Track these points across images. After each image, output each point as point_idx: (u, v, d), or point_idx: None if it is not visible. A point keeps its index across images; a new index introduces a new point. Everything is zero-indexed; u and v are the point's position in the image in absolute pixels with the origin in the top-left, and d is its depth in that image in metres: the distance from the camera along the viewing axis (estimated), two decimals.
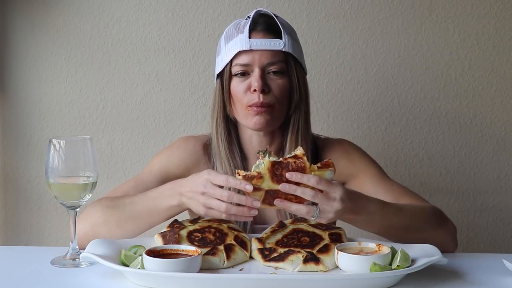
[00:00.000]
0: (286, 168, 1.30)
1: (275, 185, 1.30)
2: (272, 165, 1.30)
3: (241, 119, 1.62)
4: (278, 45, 1.58)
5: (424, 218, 1.51)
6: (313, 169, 1.31)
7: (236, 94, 1.60)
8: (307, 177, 1.28)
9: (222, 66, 1.62)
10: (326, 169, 1.32)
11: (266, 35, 1.59)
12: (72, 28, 2.33)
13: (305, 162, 1.30)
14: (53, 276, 1.33)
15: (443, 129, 2.38)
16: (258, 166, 1.30)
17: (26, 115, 2.34)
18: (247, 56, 1.58)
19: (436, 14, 2.35)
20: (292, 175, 1.28)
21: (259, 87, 1.56)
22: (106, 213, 1.50)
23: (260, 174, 1.30)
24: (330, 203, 1.30)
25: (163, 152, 1.73)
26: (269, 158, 1.31)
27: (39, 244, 2.34)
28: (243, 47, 1.57)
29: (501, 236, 2.41)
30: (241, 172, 1.30)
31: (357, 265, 1.29)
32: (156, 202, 1.47)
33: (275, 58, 1.58)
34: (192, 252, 1.32)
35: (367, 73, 2.36)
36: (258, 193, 1.31)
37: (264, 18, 1.62)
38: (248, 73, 1.59)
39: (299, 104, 1.64)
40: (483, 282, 1.31)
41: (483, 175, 2.39)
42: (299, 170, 1.30)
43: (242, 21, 1.63)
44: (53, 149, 1.37)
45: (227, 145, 1.65)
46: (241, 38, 1.58)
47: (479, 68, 2.36)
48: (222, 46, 1.63)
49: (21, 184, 2.36)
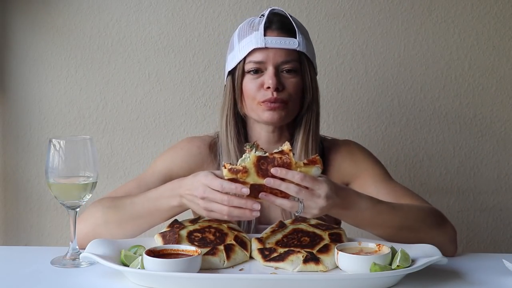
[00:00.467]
0: (272, 163, 1.30)
1: (260, 180, 1.30)
2: (258, 159, 1.30)
3: (253, 114, 1.62)
4: (293, 44, 1.59)
5: (420, 218, 1.50)
6: (299, 165, 1.30)
7: (249, 91, 1.60)
8: (292, 173, 1.29)
9: (234, 63, 1.62)
10: (313, 165, 1.32)
11: (281, 34, 1.59)
12: (72, 28, 2.33)
13: (290, 158, 1.30)
14: (53, 276, 1.33)
15: (443, 129, 2.38)
16: (244, 160, 1.31)
17: (26, 115, 2.34)
18: (262, 54, 1.58)
19: (436, 14, 2.35)
20: (277, 171, 1.29)
21: (274, 85, 1.56)
22: (107, 214, 1.50)
23: (246, 168, 1.30)
24: (315, 200, 1.31)
25: (166, 153, 1.73)
26: (255, 152, 1.31)
27: (39, 244, 2.34)
28: (258, 45, 1.58)
29: (501, 236, 2.41)
30: (227, 165, 1.31)
31: (357, 265, 1.29)
32: (157, 202, 1.47)
33: (289, 57, 1.59)
34: (192, 252, 1.32)
35: (367, 73, 2.36)
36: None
37: (279, 17, 1.62)
38: (261, 71, 1.60)
39: (311, 104, 1.64)
40: (483, 282, 1.31)
41: (483, 175, 2.39)
42: (285, 166, 1.30)
43: (255, 19, 1.63)
44: (53, 149, 1.37)
45: (236, 142, 1.65)
46: (256, 35, 1.58)
47: (479, 68, 2.36)
48: (235, 43, 1.63)
49: (21, 184, 2.36)
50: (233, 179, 1.31)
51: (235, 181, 1.31)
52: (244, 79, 1.61)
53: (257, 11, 2.30)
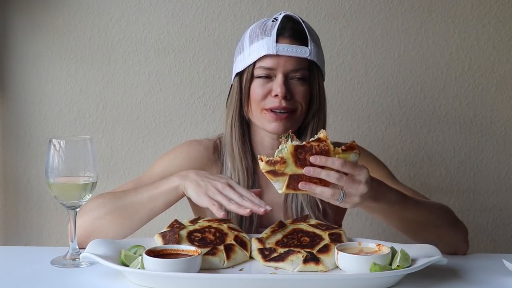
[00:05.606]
0: (310, 151, 1.27)
1: (298, 170, 1.28)
2: (295, 149, 1.27)
3: (257, 121, 1.62)
4: (304, 53, 1.57)
5: (441, 215, 1.52)
6: (337, 152, 1.28)
7: (256, 96, 1.59)
8: (332, 160, 1.27)
9: (244, 66, 1.61)
10: (351, 151, 1.30)
11: (293, 41, 1.57)
12: (72, 28, 2.33)
13: (328, 145, 1.28)
14: (53, 276, 1.33)
15: (443, 129, 2.38)
16: (281, 151, 1.28)
17: (26, 115, 2.34)
18: (272, 60, 1.57)
19: (436, 14, 2.35)
20: (316, 159, 1.26)
21: (282, 93, 1.55)
22: (107, 204, 1.50)
23: (284, 159, 1.27)
24: (356, 186, 1.29)
25: (165, 156, 1.72)
26: (291, 142, 1.28)
27: (39, 244, 2.34)
28: (270, 51, 1.56)
29: (501, 236, 2.41)
30: (264, 158, 1.28)
31: (357, 265, 1.29)
32: (159, 184, 1.50)
33: (300, 65, 1.58)
34: (192, 252, 1.32)
35: (367, 73, 2.36)
36: (282, 178, 1.29)
37: (292, 23, 1.60)
38: (270, 77, 1.58)
39: (318, 112, 1.64)
40: (483, 282, 1.31)
41: (483, 175, 2.39)
42: (323, 153, 1.27)
43: (268, 22, 1.61)
44: (53, 149, 1.37)
45: (241, 144, 1.65)
46: (268, 41, 1.57)
47: (479, 68, 2.36)
48: (246, 45, 1.62)
49: (21, 184, 2.36)
50: (271, 171, 1.28)
51: (273, 173, 1.28)
52: (252, 83, 1.60)
53: (257, 11, 2.30)
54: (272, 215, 1.65)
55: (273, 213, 1.65)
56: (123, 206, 1.50)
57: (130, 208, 1.50)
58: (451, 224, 1.53)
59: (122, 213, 1.49)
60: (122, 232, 1.51)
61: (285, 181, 1.29)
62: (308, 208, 1.62)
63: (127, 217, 1.50)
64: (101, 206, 1.51)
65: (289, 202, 1.65)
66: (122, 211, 1.49)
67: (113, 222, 1.49)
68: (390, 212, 1.42)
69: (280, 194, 1.37)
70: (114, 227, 1.49)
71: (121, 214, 1.49)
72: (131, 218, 1.50)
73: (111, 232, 1.49)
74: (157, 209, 1.51)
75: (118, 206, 1.50)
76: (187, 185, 1.46)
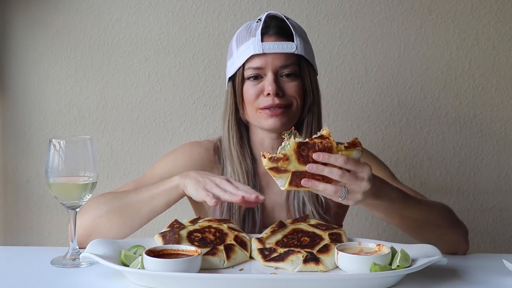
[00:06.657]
0: (313, 148, 1.27)
1: (301, 166, 1.28)
2: (298, 146, 1.27)
3: (254, 121, 1.62)
4: (291, 48, 1.58)
5: (443, 214, 1.53)
6: (340, 148, 1.28)
7: (249, 97, 1.60)
8: (334, 157, 1.26)
9: (234, 69, 1.62)
10: (353, 148, 1.30)
11: (278, 38, 1.59)
12: (72, 28, 2.33)
13: (331, 142, 1.28)
14: (53, 276, 1.33)
15: (443, 129, 2.38)
16: (284, 147, 1.28)
17: (26, 115, 2.34)
18: (260, 60, 1.58)
19: (436, 14, 2.35)
20: (319, 156, 1.26)
21: (273, 91, 1.56)
22: (108, 203, 1.51)
23: (286, 156, 1.27)
24: (358, 183, 1.29)
25: (166, 157, 1.72)
26: (294, 139, 1.28)
27: (39, 244, 2.34)
28: (256, 51, 1.57)
29: (501, 236, 2.41)
30: (267, 154, 1.28)
31: (357, 265, 1.29)
32: (160, 183, 1.51)
33: (288, 61, 1.58)
34: (192, 252, 1.32)
35: (367, 73, 2.36)
36: (285, 175, 1.28)
37: (276, 21, 1.61)
38: (260, 77, 1.59)
39: (313, 106, 1.64)
40: (483, 282, 1.31)
41: (483, 175, 2.39)
42: (326, 150, 1.27)
43: (253, 23, 1.63)
44: (53, 149, 1.37)
45: (239, 148, 1.65)
46: (253, 41, 1.58)
47: (479, 68, 2.36)
48: (234, 49, 1.63)
49: (21, 184, 2.36)
50: (274, 168, 1.28)
51: (276, 170, 1.28)
52: (244, 85, 1.61)
53: (257, 11, 2.30)
54: (275, 214, 1.65)
55: (275, 212, 1.65)
56: (123, 205, 1.50)
57: (131, 207, 1.50)
58: (451, 223, 1.53)
59: (123, 212, 1.50)
60: (123, 232, 1.51)
61: (287, 178, 1.29)
62: (310, 204, 1.62)
63: (127, 216, 1.50)
64: (102, 205, 1.51)
65: (291, 200, 1.65)
66: (122, 210, 1.50)
67: (114, 221, 1.49)
68: (391, 210, 1.42)
69: (281, 194, 1.37)
70: (115, 227, 1.49)
71: (122, 213, 1.50)
72: (131, 217, 1.50)
73: (111, 231, 1.49)
74: (158, 208, 1.51)
75: (119, 205, 1.50)
76: (186, 183, 1.46)
